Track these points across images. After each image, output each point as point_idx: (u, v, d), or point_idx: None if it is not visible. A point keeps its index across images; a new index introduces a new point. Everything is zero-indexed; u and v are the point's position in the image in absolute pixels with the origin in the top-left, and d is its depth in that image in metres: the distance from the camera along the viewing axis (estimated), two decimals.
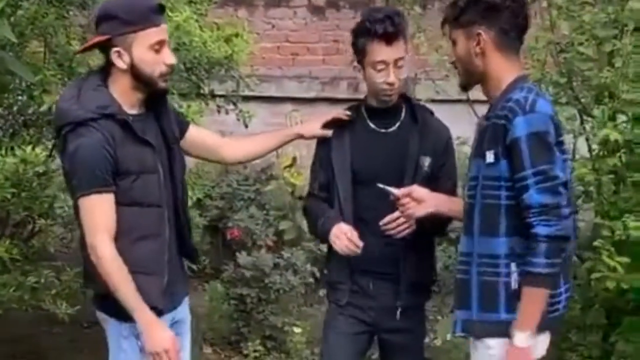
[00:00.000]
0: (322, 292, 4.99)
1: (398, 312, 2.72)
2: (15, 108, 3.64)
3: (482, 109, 3.96)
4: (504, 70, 2.29)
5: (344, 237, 2.60)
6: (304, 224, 5.77)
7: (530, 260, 2.15)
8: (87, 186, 2.27)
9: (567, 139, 2.75)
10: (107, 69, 2.39)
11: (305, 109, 6.67)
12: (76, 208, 2.37)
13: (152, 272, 2.38)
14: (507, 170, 2.20)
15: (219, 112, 4.43)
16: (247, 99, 4.64)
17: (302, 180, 5.85)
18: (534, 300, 2.18)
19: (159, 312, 2.37)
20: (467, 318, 2.30)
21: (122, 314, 2.35)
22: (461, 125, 4.16)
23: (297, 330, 4.57)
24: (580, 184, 2.99)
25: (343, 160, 2.71)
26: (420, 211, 2.56)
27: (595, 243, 2.78)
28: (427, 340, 4.48)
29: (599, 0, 3.13)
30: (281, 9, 7.03)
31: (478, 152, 2.29)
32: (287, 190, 5.76)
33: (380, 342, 2.85)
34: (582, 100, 3.15)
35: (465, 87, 2.45)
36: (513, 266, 2.21)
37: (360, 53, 2.67)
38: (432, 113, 2.82)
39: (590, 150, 3.19)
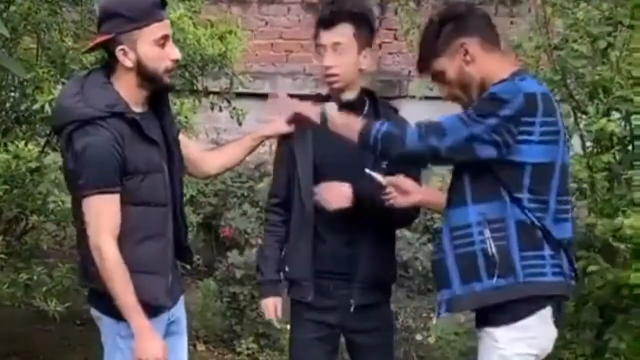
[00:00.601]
0: None
1: (352, 309, 2.67)
2: (7, 104, 3.62)
3: None
4: (498, 68, 2.28)
5: (272, 312, 2.75)
6: None
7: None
8: (94, 186, 2.23)
9: None
10: (110, 67, 2.35)
11: None
12: (77, 206, 2.33)
13: (157, 271, 2.36)
14: None
15: (212, 109, 4.43)
16: (241, 95, 4.63)
17: None
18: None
19: (163, 310, 2.38)
20: (450, 296, 2.27)
21: (120, 313, 2.33)
22: None
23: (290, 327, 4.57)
24: (574, 181, 2.99)
25: (305, 155, 2.67)
26: (404, 202, 2.55)
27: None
28: (420, 337, 4.51)
29: None
30: (275, 6, 7.02)
31: None
32: None
33: (347, 343, 2.81)
34: (576, 97, 3.15)
35: (467, 105, 2.35)
36: (487, 232, 2.19)
37: (314, 39, 2.67)
38: (396, 111, 2.80)
39: (584, 147, 3.19)
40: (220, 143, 5.89)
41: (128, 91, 2.32)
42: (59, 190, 3.05)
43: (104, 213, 2.25)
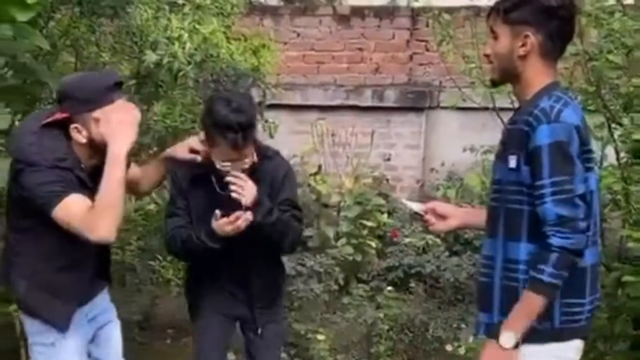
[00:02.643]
0: (345, 299, 5.01)
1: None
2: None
3: (508, 117, 3.97)
4: (539, 75, 2.25)
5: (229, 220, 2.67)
6: (329, 231, 5.85)
7: (537, 266, 2.14)
8: (54, 198, 2.37)
9: (596, 146, 2.74)
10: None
11: (331, 116, 6.72)
12: (12, 222, 2.53)
13: (69, 299, 2.53)
14: (528, 177, 2.18)
15: None
16: (272, 107, 4.67)
17: (326, 187, 5.87)
18: (528, 305, 2.16)
19: (62, 329, 2.52)
20: (489, 321, 2.28)
21: (44, 325, 2.51)
22: (487, 133, 4.15)
23: (320, 337, 4.58)
24: (608, 192, 2.97)
25: (197, 213, 2.77)
26: (444, 227, 2.56)
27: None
28: (450, 348, 4.49)
29: (628, 7, 3.12)
30: (306, 18, 7.08)
31: (501, 155, 2.29)
32: (312, 198, 5.78)
33: (246, 338, 3.00)
34: (611, 108, 3.13)
35: (495, 83, 2.40)
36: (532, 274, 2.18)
37: (208, 139, 2.69)
38: (275, 153, 2.86)
39: (618, 158, 3.16)
40: None
41: (81, 155, 2.48)
42: None
43: (72, 213, 2.37)
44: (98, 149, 2.45)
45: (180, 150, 2.84)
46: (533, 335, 2.20)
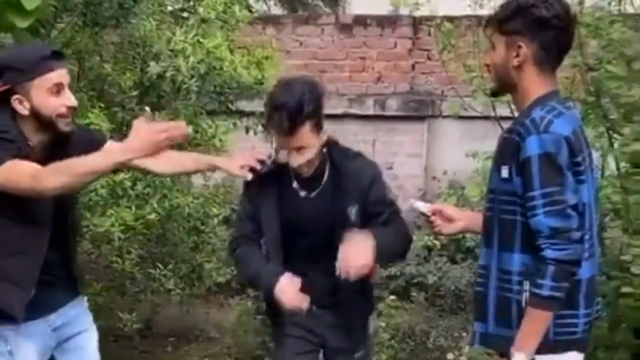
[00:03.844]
0: None
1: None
2: None
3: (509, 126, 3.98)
4: (536, 85, 2.25)
5: (291, 291, 2.57)
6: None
7: (536, 281, 2.13)
8: None
9: (595, 156, 2.73)
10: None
11: (333, 125, 6.68)
12: None
13: (20, 284, 2.48)
14: (520, 187, 2.18)
15: (247, 132, 4.49)
16: None
17: None
18: (534, 321, 2.16)
19: (15, 321, 2.46)
20: (484, 331, 2.29)
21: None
22: (488, 142, 4.14)
23: None
24: (608, 202, 2.97)
25: (269, 220, 2.68)
26: (450, 229, 2.57)
27: (624, 257, 2.75)
28: (452, 356, 4.49)
29: (628, 17, 3.13)
30: (309, 27, 7.10)
31: (495, 165, 2.29)
32: None
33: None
34: (611, 118, 3.14)
35: (495, 93, 2.43)
36: (526, 284, 2.18)
37: (266, 130, 2.63)
38: (357, 155, 2.73)
39: (618, 168, 3.17)
40: None
41: (27, 131, 2.47)
42: (91, 214, 3.10)
43: (14, 173, 2.35)
44: (43, 122, 2.45)
45: (232, 165, 2.73)
46: None
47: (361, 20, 7.10)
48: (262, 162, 2.67)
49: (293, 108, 2.47)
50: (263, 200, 2.69)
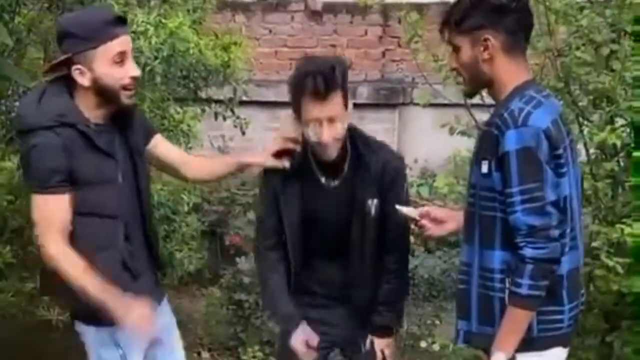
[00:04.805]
0: None
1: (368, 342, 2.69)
2: (12, 114, 3.64)
3: (481, 114, 3.98)
4: (511, 74, 2.19)
5: (303, 346, 2.60)
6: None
7: (515, 280, 2.10)
8: (41, 184, 2.24)
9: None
10: (72, 80, 2.34)
11: None
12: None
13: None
14: (499, 183, 2.13)
15: (216, 118, 4.43)
16: (245, 103, 4.63)
17: None
18: (514, 320, 2.14)
19: (110, 323, 2.34)
20: (468, 329, 2.27)
21: (99, 321, 2.33)
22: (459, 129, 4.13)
23: None
24: None
25: (291, 207, 2.63)
26: (440, 232, 2.52)
27: (594, 244, 2.76)
28: (425, 344, 4.49)
29: (597, 4, 3.13)
30: (279, 14, 7.04)
31: (475, 159, 2.24)
32: None
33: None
34: (580, 104, 3.15)
35: (470, 94, 2.36)
36: (507, 282, 2.15)
37: (295, 107, 2.51)
38: (381, 145, 2.68)
39: (588, 154, 3.18)
40: (225, 150, 5.93)
41: (86, 106, 2.33)
42: None
43: (51, 211, 2.25)
44: (105, 95, 2.30)
45: (261, 160, 2.67)
46: None
47: (331, 8, 7.05)
48: (295, 141, 2.62)
49: (327, 71, 2.43)
50: (285, 191, 2.63)
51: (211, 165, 2.81)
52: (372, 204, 2.59)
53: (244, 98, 4.50)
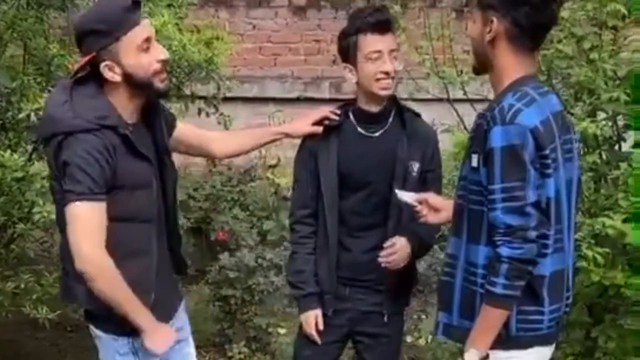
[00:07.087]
0: None
1: (385, 318, 2.75)
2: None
3: (463, 108, 3.99)
4: (510, 66, 2.17)
5: (313, 326, 2.73)
6: (287, 223, 5.81)
7: (490, 278, 2.10)
8: (81, 193, 2.13)
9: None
10: (100, 77, 2.24)
11: (288, 109, 6.66)
12: (61, 215, 2.23)
13: (141, 289, 2.27)
14: (485, 178, 2.12)
15: (199, 115, 4.42)
16: (229, 99, 4.62)
17: (285, 180, 5.85)
18: (489, 318, 2.13)
19: (130, 333, 2.31)
20: (448, 322, 2.27)
21: (119, 330, 2.29)
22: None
23: (281, 331, 4.57)
24: None
25: (329, 165, 2.66)
26: (436, 219, 2.53)
27: (575, 236, 2.78)
28: (411, 339, 4.51)
29: None
30: (262, 10, 7.01)
31: (467, 151, 2.23)
32: (271, 191, 5.76)
33: (355, 343, 2.86)
34: (562, 97, 3.16)
35: (476, 70, 2.34)
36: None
37: (352, 51, 2.64)
38: (419, 115, 2.80)
39: None
40: None
41: (120, 103, 2.24)
42: (44, 200, 3.00)
43: (93, 221, 2.16)
44: (138, 86, 2.21)
45: (299, 126, 2.71)
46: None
47: (315, 3, 7.04)
48: (336, 113, 2.71)
49: (384, 9, 2.68)
50: (322, 148, 2.68)
51: (238, 138, 2.77)
52: (415, 165, 2.66)
53: (228, 94, 4.49)
